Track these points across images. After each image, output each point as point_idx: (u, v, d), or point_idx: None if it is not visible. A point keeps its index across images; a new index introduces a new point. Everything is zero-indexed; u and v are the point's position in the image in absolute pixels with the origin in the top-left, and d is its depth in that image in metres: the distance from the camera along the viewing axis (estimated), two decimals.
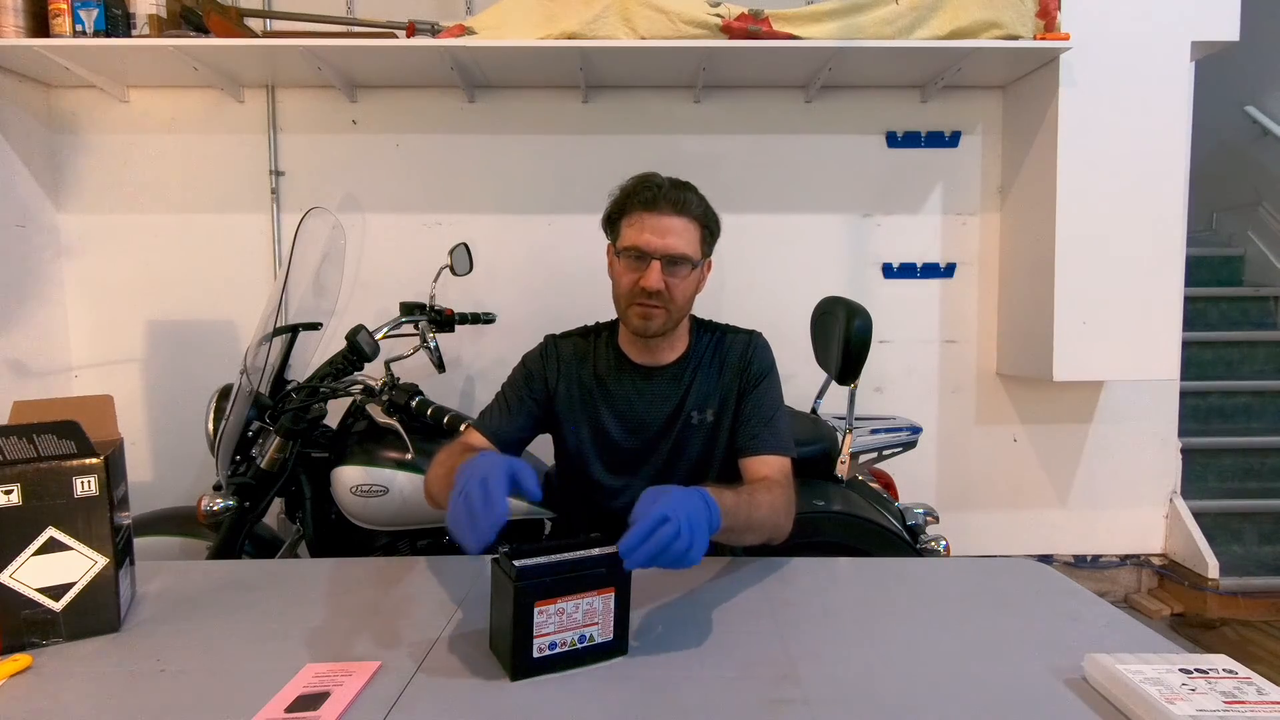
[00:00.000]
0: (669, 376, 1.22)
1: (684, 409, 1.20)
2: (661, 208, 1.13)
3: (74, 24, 2.03)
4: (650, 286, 1.11)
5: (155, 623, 0.87)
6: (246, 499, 1.53)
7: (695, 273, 1.17)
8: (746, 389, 1.20)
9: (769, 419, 1.18)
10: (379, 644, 0.80)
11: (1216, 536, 2.57)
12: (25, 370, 2.27)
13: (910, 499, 1.89)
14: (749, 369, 1.21)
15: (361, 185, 2.46)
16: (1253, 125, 3.46)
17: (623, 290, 1.17)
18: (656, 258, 1.12)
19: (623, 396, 1.21)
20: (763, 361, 1.23)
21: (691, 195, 1.15)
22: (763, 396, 1.20)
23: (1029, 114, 2.35)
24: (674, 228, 1.13)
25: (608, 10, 2.05)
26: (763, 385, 1.21)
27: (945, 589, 0.97)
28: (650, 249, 1.12)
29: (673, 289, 1.13)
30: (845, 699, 0.68)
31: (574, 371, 1.24)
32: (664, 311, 1.15)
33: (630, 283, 1.14)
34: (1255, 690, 0.64)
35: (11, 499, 0.77)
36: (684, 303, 1.17)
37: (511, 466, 0.82)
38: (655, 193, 1.13)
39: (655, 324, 1.16)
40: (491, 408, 1.24)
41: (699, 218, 1.15)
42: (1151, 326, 2.26)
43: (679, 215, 1.13)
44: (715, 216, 1.20)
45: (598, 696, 0.69)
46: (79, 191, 2.40)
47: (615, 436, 1.21)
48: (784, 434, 1.18)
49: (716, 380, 1.22)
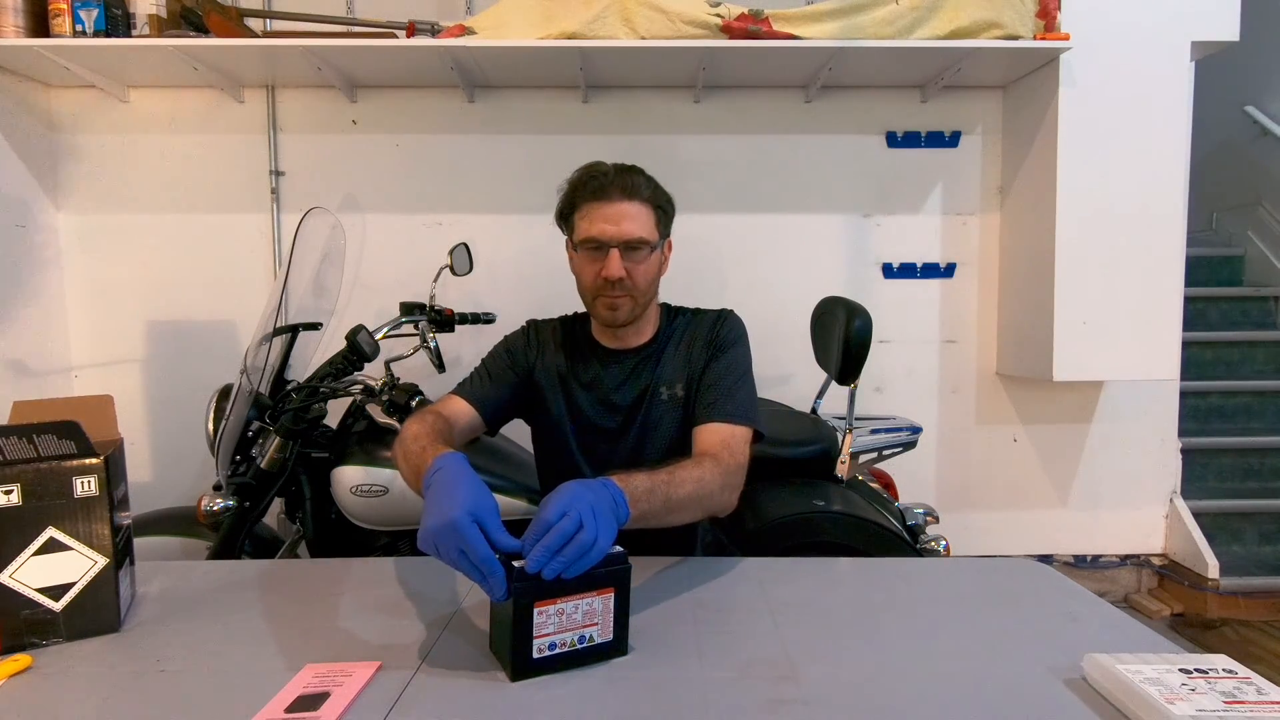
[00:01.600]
0: (639, 357, 1.23)
1: (654, 386, 1.20)
2: (611, 195, 1.12)
3: (74, 24, 2.03)
4: (612, 275, 1.12)
5: (155, 623, 0.87)
6: (246, 499, 1.53)
7: (655, 255, 1.17)
8: (714, 356, 1.19)
9: (729, 387, 1.15)
10: (379, 644, 0.80)
11: (1216, 536, 2.57)
12: (25, 370, 2.27)
13: (910, 499, 1.89)
14: (716, 339, 1.20)
15: (361, 185, 2.46)
16: (1253, 125, 3.46)
17: (586, 284, 1.18)
18: (614, 246, 1.12)
19: (595, 378, 1.22)
20: (732, 332, 1.22)
21: (639, 178, 1.15)
22: (727, 365, 1.18)
23: (1029, 114, 2.35)
24: (627, 213, 1.13)
25: (608, 10, 2.05)
26: (729, 354, 1.19)
27: (945, 589, 0.97)
28: (606, 238, 1.12)
29: (634, 275, 1.14)
30: (845, 699, 0.68)
31: (551, 353, 1.25)
32: (629, 299, 1.15)
33: (592, 275, 1.15)
34: (1255, 690, 0.64)
35: (11, 499, 0.77)
36: (647, 286, 1.17)
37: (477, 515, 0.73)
38: (603, 181, 1.13)
39: (622, 313, 1.16)
40: (472, 377, 1.23)
41: (650, 199, 1.15)
42: (1151, 326, 2.26)
43: (630, 200, 1.13)
44: (667, 196, 1.19)
45: (597, 697, 0.69)
46: (79, 191, 2.40)
47: (590, 416, 1.22)
48: (743, 402, 1.14)
49: (685, 356, 1.21)
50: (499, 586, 0.71)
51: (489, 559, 0.70)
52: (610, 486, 0.82)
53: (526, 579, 0.70)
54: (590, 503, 0.75)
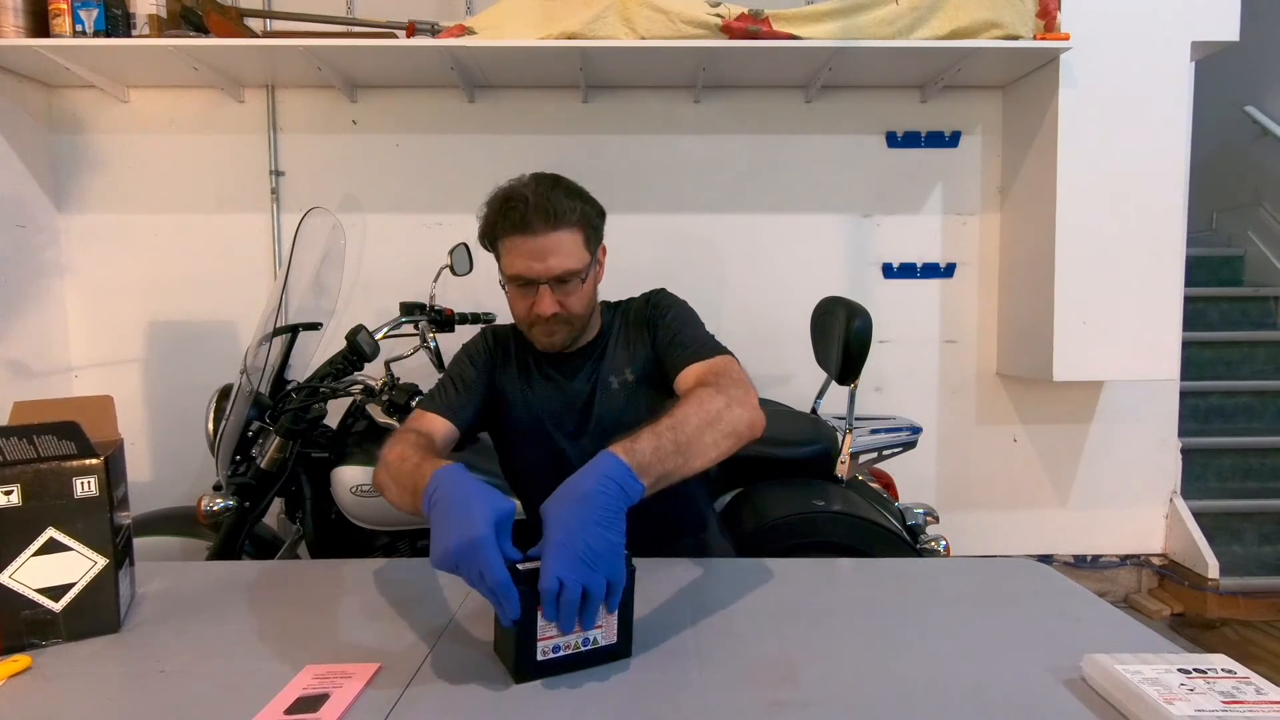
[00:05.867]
0: (586, 356, 1.20)
1: (601, 378, 1.17)
2: (534, 227, 1.04)
3: (74, 24, 2.03)
4: (545, 313, 1.07)
5: (155, 623, 0.87)
6: (246, 499, 1.53)
7: (589, 277, 1.11)
8: (654, 327, 1.16)
9: (683, 338, 1.12)
10: (379, 645, 0.80)
11: (1216, 536, 2.57)
12: (25, 370, 2.27)
13: (910, 499, 1.89)
14: (651, 311, 1.18)
15: (361, 185, 2.46)
16: (1253, 125, 3.46)
17: (519, 315, 1.13)
18: (542, 283, 1.06)
19: (548, 382, 1.19)
20: (664, 299, 1.20)
21: (562, 201, 1.06)
22: (675, 319, 1.15)
23: (1029, 114, 2.35)
24: (553, 246, 1.05)
25: (608, 10, 2.05)
26: (670, 313, 1.16)
27: (945, 589, 0.97)
28: (533, 275, 1.06)
29: (568, 304, 1.09)
30: (845, 700, 0.68)
31: (511, 361, 1.22)
32: (565, 326, 1.12)
33: (525, 308, 1.10)
34: (1254, 690, 0.64)
35: (11, 499, 0.77)
36: (584, 310, 1.13)
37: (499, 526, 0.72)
38: (523, 210, 1.04)
39: (559, 338, 1.13)
40: (436, 390, 1.17)
41: (578, 223, 1.08)
42: (1151, 326, 2.26)
43: (555, 229, 1.05)
44: (596, 208, 1.12)
45: (596, 698, 0.69)
46: (79, 191, 2.40)
47: (549, 420, 1.18)
48: (704, 341, 1.11)
49: (626, 343, 1.19)
50: (512, 610, 0.69)
51: (506, 585, 0.68)
52: (612, 473, 0.76)
53: (531, 580, 0.70)
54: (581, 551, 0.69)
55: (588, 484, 0.75)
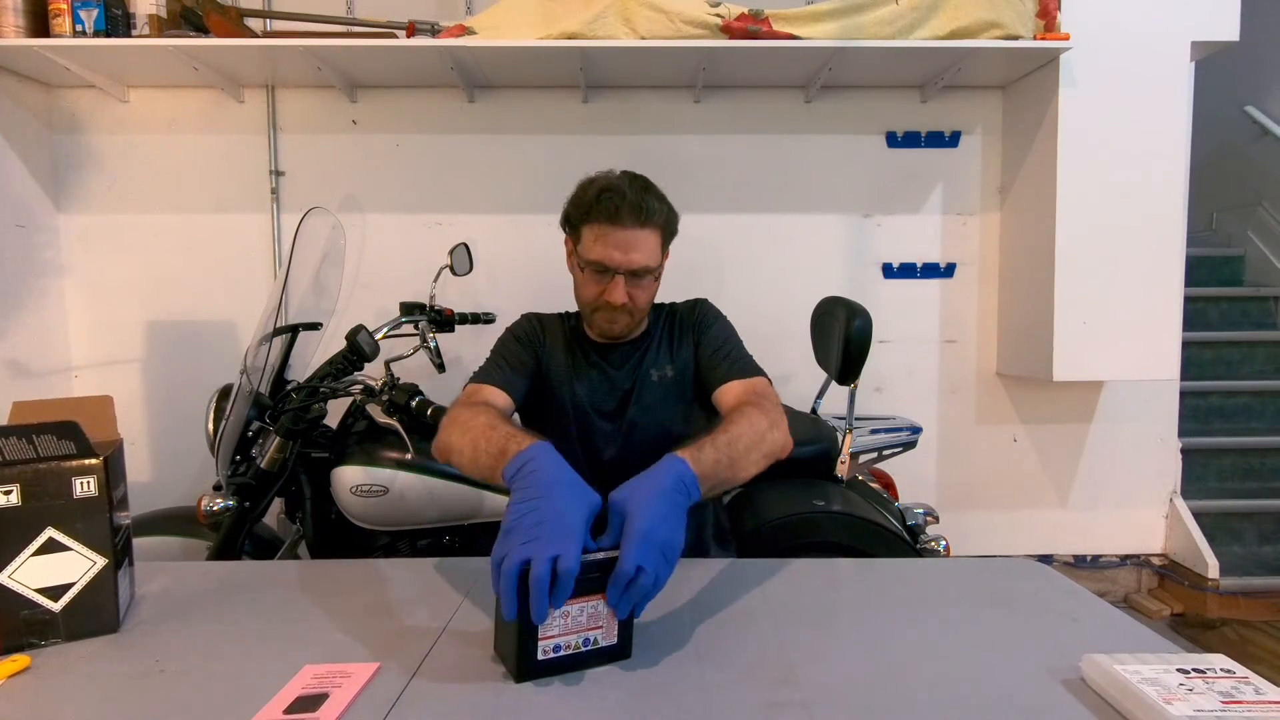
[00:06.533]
0: (630, 350, 1.25)
1: (644, 371, 1.23)
2: (624, 220, 1.11)
3: (74, 24, 2.03)
4: (615, 301, 1.13)
5: (154, 623, 0.87)
6: (246, 499, 1.53)
7: (658, 277, 1.19)
8: (700, 336, 1.23)
9: (732, 351, 1.20)
10: (379, 645, 0.80)
11: (1216, 536, 2.57)
12: (25, 370, 2.27)
13: (910, 499, 1.89)
14: (697, 320, 1.25)
15: (361, 185, 2.46)
16: (1253, 125, 3.46)
17: (586, 299, 1.19)
18: (620, 273, 1.12)
19: (594, 369, 1.24)
20: (710, 311, 1.28)
21: (653, 202, 1.13)
22: (720, 333, 1.23)
23: (1029, 114, 2.35)
24: (637, 242, 1.11)
25: (608, 10, 2.05)
26: (716, 326, 1.24)
27: (945, 589, 0.97)
28: (614, 264, 1.12)
29: (636, 298, 1.16)
30: (845, 701, 0.68)
31: (555, 346, 1.26)
32: (628, 316, 1.18)
33: (594, 294, 1.16)
34: (1253, 690, 0.64)
35: (11, 499, 0.77)
36: (647, 305, 1.20)
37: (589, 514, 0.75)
38: (619, 204, 1.10)
39: (619, 327, 1.19)
40: (490, 366, 1.20)
41: (661, 225, 1.15)
42: (1151, 326, 2.26)
43: (642, 227, 1.12)
44: (675, 216, 1.19)
45: (595, 698, 0.69)
46: (79, 191, 2.40)
47: (590, 406, 1.23)
48: (747, 360, 1.19)
49: (669, 343, 1.25)
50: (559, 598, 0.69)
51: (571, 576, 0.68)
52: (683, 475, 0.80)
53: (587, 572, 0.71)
54: (660, 543, 0.73)
55: (665, 481, 0.79)
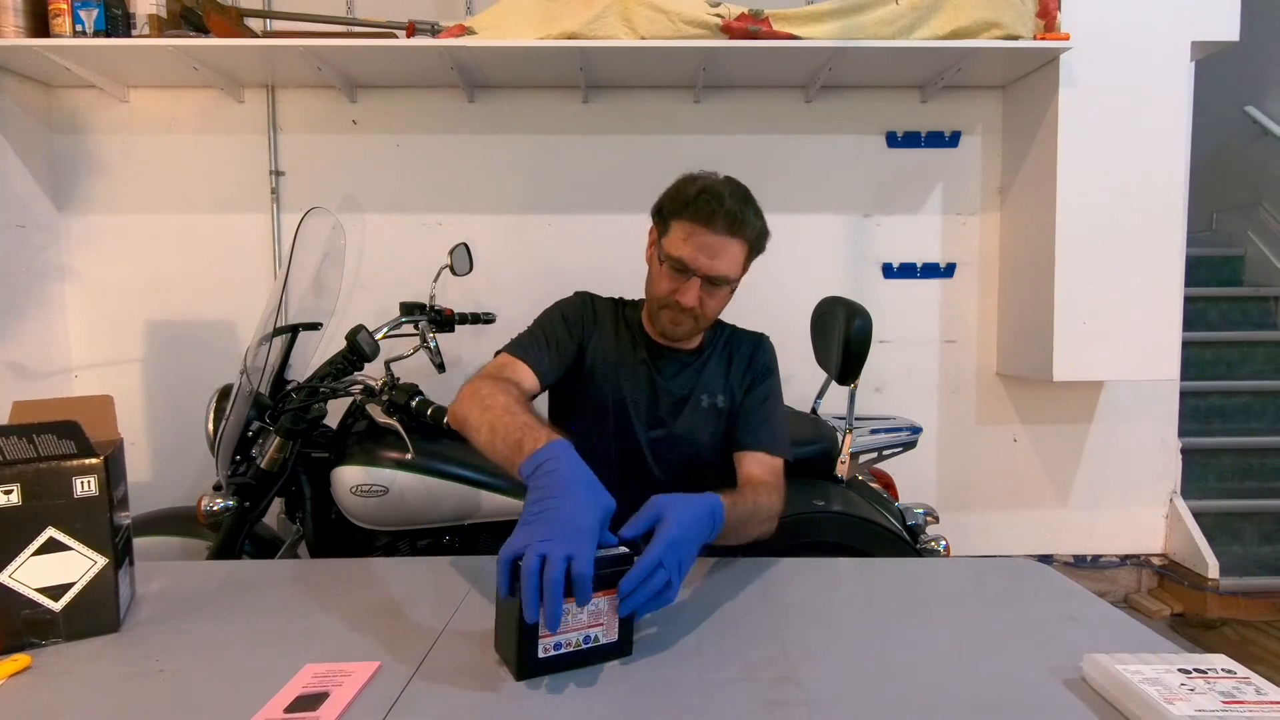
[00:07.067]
0: (684, 362, 1.23)
1: (697, 391, 1.21)
2: (717, 225, 1.08)
3: (74, 24, 2.04)
4: (686, 304, 1.11)
5: (155, 623, 0.87)
6: (246, 499, 1.53)
7: (732, 290, 1.16)
8: (754, 383, 1.22)
9: (769, 418, 1.19)
10: (379, 644, 0.80)
11: (1216, 536, 2.57)
12: (25, 370, 2.27)
13: (910, 499, 1.89)
14: (756, 365, 1.23)
15: (361, 185, 2.46)
16: (1253, 125, 3.46)
17: (658, 294, 1.15)
18: (699, 276, 1.10)
19: (643, 369, 1.22)
20: (769, 361, 1.26)
21: (749, 215, 1.11)
22: (767, 394, 1.22)
23: (1029, 114, 2.35)
24: (724, 250, 1.10)
25: (608, 10, 2.05)
26: (768, 382, 1.23)
27: (945, 589, 0.97)
28: (695, 266, 1.09)
29: (706, 305, 1.13)
30: (845, 700, 0.68)
31: (606, 333, 1.23)
32: (694, 322, 1.15)
33: (667, 290, 1.13)
34: (1254, 690, 0.64)
35: (11, 499, 0.77)
36: (715, 314, 1.18)
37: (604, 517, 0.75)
38: (715, 208, 1.08)
39: (682, 331, 1.17)
40: (528, 340, 1.17)
41: (751, 239, 1.13)
42: (1151, 326, 2.26)
43: (733, 237, 1.09)
44: (767, 233, 1.17)
45: (595, 697, 0.69)
46: (79, 191, 2.40)
47: (634, 405, 1.20)
48: (782, 435, 1.19)
49: (725, 371, 1.23)
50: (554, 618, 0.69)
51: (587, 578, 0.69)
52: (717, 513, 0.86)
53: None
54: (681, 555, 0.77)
55: (703, 509, 0.85)
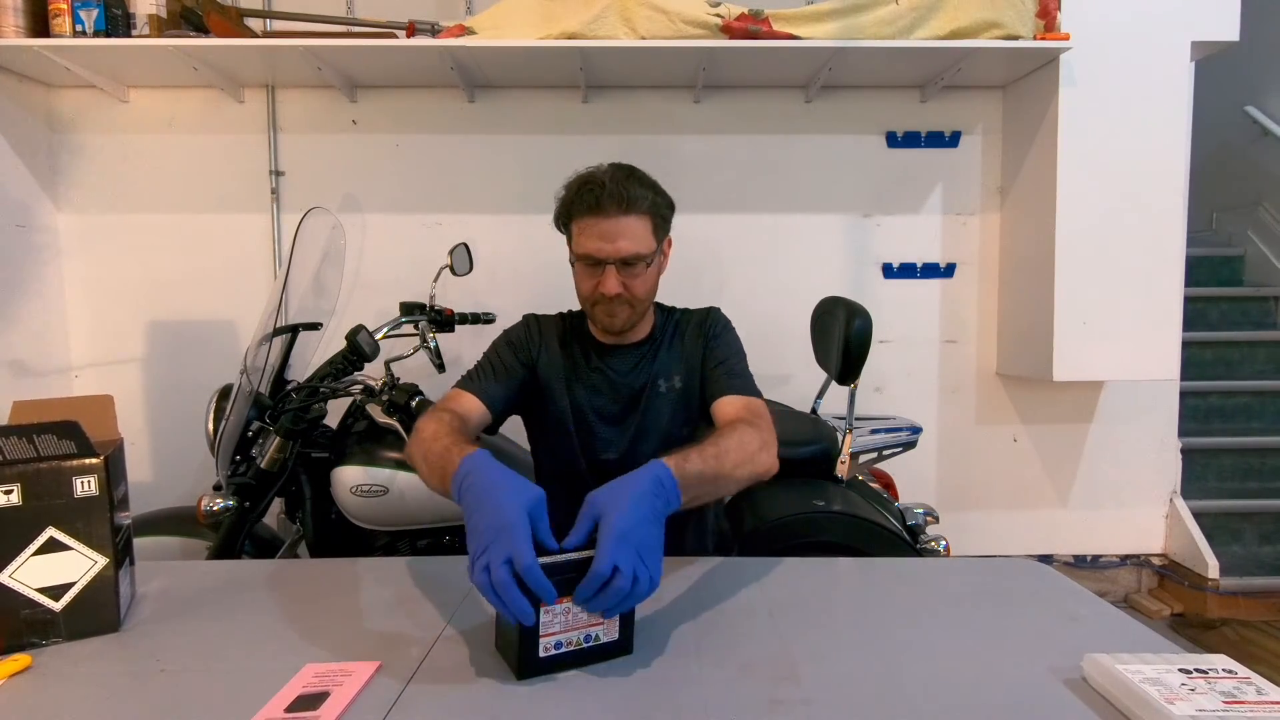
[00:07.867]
0: (639, 352, 1.24)
1: (653, 378, 1.22)
2: (607, 209, 1.10)
3: (74, 24, 2.03)
4: (609, 292, 1.12)
5: (155, 623, 0.87)
6: (246, 499, 1.53)
7: (653, 265, 1.16)
8: (709, 347, 1.22)
9: (731, 366, 1.19)
10: (379, 644, 0.80)
11: (1216, 536, 2.57)
12: (25, 370, 2.27)
13: (910, 499, 1.89)
14: (706, 331, 1.24)
15: (361, 185, 2.46)
16: (1253, 125, 3.46)
17: (584, 294, 1.19)
18: (610, 263, 1.11)
19: (599, 371, 1.23)
20: (720, 321, 1.26)
21: (636, 189, 1.11)
22: (728, 346, 1.22)
23: (1029, 114, 2.35)
24: (623, 230, 1.11)
25: (608, 10, 2.05)
26: (724, 338, 1.23)
27: (945, 589, 0.97)
28: (602, 255, 1.11)
29: (632, 288, 1.14)
30: (845, 699, 0.68)
31: (554, 348, 1.25)
32: (627, 308, 1.17)
33: (590, 287, 1.16)
34: (1255, 690, 0.64)
35: (11, 499, 0.77)
36: (646, 295, 1.18)
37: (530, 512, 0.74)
38: (598, 194, 1.10)
39: (619, 321, 1.18)
40: (477, 372, 1.22)
41: (648, 211, 1.13)
42: (1151, 326, 2.26)
43: (626, 214, 1.10)
44: (665, 199, 1.17)
45: (596, 696, 0.69)
46: (79, 191, 2.40)
47: (592, 410, 1.23)
48: (748, 379, 1.19)
49: (680, 351, 1.24)
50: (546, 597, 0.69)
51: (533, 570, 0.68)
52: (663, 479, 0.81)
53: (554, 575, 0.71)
54: (636, 544, 0.73)
55: (643, 484, 0.79)
